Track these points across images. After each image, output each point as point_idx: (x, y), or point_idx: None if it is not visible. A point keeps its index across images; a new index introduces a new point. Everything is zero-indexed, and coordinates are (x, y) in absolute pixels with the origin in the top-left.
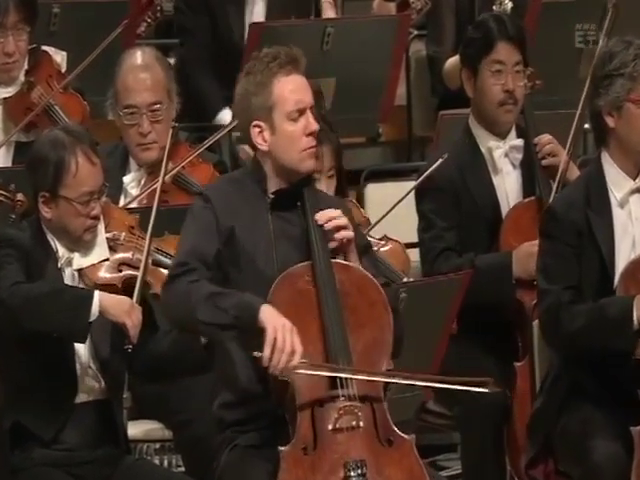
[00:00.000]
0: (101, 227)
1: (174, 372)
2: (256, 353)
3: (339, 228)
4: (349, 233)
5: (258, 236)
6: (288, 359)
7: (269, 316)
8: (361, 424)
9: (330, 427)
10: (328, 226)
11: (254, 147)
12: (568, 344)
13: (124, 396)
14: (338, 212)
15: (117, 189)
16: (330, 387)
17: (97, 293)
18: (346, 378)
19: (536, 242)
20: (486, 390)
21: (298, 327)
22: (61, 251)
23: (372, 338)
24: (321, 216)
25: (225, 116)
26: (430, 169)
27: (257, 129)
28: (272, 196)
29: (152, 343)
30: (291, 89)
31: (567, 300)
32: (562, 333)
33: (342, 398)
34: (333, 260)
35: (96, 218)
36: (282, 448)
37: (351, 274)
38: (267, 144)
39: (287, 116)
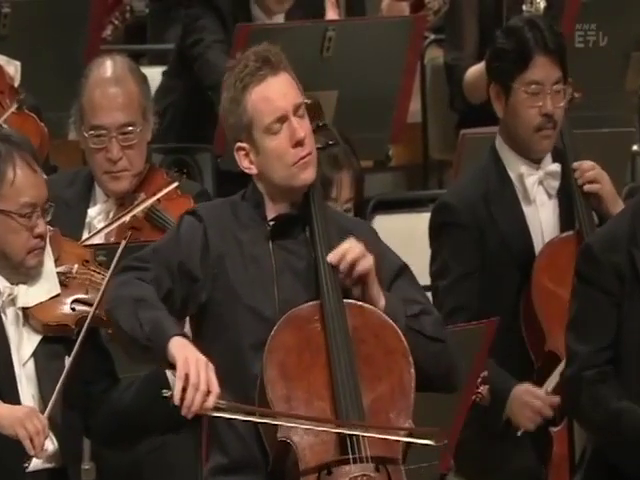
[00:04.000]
0: (49, 257)
1: (141, 430)
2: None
3: (354, 263)
4: (365, 264)
5: (256, 269)
6: (203, 398)
7: (180, 347)
8: None
9: None
10: (343, 266)
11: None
12: (586, 431)
13: (87, 467)
14: (349, 244)
15: (79, 224)
16: (339, 450)
17: None
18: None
19: (533, 392)
20: (431, 442)
21: (303, 378)
22: (1, 285)
23: (389, 393)
24: (333, 257)
25: None
26: None
27: (242, 152)
28: (272, 223)
29: (111, 397)
30: (265, 97)
31: (592, 377)
32: (581, 418)
33: (353, 464)
34: (346, 300)
35: (41, 237)
36: None
37: (367, 317)
38: (255, 166)
39: (266, 131)
